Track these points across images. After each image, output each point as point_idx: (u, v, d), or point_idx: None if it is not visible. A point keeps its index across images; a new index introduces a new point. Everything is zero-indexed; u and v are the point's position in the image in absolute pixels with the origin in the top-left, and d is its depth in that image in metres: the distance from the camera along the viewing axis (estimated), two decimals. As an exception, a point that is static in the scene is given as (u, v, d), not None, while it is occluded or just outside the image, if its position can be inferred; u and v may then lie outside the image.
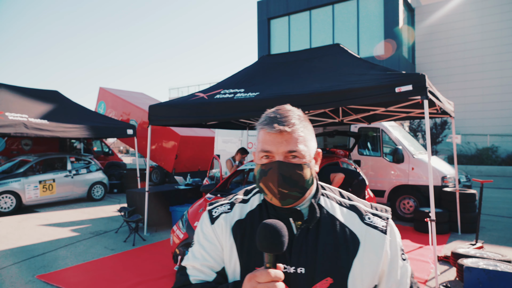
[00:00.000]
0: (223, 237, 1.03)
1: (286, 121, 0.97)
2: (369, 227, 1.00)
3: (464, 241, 5.88)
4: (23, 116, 8.27)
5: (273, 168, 0.96)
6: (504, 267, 3.77)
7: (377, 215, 1.04)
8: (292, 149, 0.96)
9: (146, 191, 6.33)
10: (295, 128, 0.97)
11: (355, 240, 0.98)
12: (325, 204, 1.04)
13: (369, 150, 8.22)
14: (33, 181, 9.12)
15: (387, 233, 1.00)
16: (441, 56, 19.56)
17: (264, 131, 1.00)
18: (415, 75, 3.88)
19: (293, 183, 0.96)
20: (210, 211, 1.10)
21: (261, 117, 1.05)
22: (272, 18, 20.86)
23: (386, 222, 1.02)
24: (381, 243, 0.98)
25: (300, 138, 0.98)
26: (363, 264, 0.96)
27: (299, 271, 0.95)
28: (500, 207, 8.89)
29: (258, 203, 1.08)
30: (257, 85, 5.20)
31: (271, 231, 0.86)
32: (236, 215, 1.06)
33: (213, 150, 11.08)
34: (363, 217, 1.02)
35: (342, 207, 1.05)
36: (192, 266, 1.04)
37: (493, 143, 18.18)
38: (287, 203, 0.98)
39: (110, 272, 4.63)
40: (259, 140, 1.02)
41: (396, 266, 0.99)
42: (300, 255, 0.96)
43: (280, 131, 0.96)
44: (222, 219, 1.06)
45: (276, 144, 0.97)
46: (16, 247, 5.77)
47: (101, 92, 15.11)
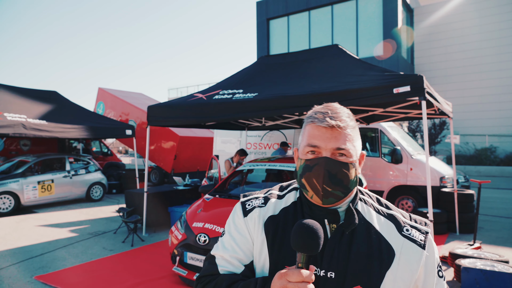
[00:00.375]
0: (254, 231, 1.02)
1: (338, 117, 0.95)
2: (406, 239, 0.96)
3: (462, 241, 5.89)
4: (21, 116, 8.26)
5: (319, 164, 0.93)
6: (501, 267, 3.79)
7: (416, 228, 1.00)
8: (340, 146, 0.94)
9: (145, 191, 6.33)
10: (346, 125, 0.95)
11: (391, 251, 0.94)
12: (362, 209, 1.01)
13: (367, 151, 8.23)
14: (31, 181, 9.11)
15: (425, 248, 0.96)
16: (440, 57, 19.60)
17: (313, 125, 0.97)
18: (413, 76, 3.89)
19: (338, 181, 0.93)
20: (243, 203, 1.09)
21: (308, 112, 1.02)
22: (271, 18, 20.88)
23: (425, 236, 0.98)
24: (418, 258, 0.94)
25: (349, 137, 0.96)
26: (396, 278, 0.92)
27: (329, 275, 0.93)
28: (498, 207, 8.91)
29: (293, 200, 1.06)
30: (255, 86, 5.21)
31: (308, 231, 0.84)
32: (269, 211, 1.05)
33: (212, 150, 11.08)
34: (401, 228, 0.99)
35: (379, 215, 1.02)
36: (221, 256, 1.03)
37: (492, 143, 18.22)
38: (328, 202, 0.95)
39: (108, 272, 4.63)
40: (306, 134, 0.99)
41: (432, 282, 0.95)
42: (331, 259, 0.93)
43: (332, 126, 0.93)
44: (255, 213, 1.04)
45: (325, 140, 0.94)
46: (15, 248, 5.76)
47: (100, 92, 15.10)
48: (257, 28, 21.29)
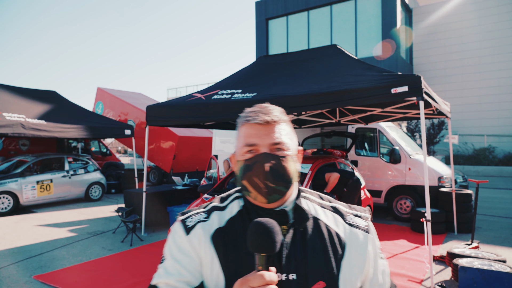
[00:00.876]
0: (201, 248, 0.94)
1: (271, 114, 0.96)
2: (352, 227, 1.00)
3: (460, 241, 5.92)
4: (20, 116, 8.26)
5: (259, 161, 0.92)
6: (498, 266, 3.81)
7: (358, 215, 1.05)
8: (277, 141, 0.94)
9: (143, 191, 6.34)
10: (279, 119, 0.96)
11: (341, 241, 0.97)
12: (307, 206, 1.02)
13: (366, 151, 8.26)
14: (30, 181, 9.11)
15: (370, 232, 1.01)
16: (439, 57, 19.63)
17: (247, 124, 0.96)
18: (411, 76, 3.91)
19: (279, 176, 0.92)
20: (183, 221, 1.00)
21: (241, 115, 1.01)
22: (270, 18, 20.88)
23: (367, 222, 1.03)
24: (365, 243, 0.98)
25: (284, 131, 0.96)
26: (351, 265, 0.95)
27: (291, 277, 0.90)
28: (496, 207, 8.94)
29: (238, 209, 1.01)
30: (254, 86, 5.22)
31: (264, 228, 0.81)
32: (215, 223, 0.98)
33: (211, 150, 11.10)
34: (345, 218, 1.02)
35: (324, 209, 1.04)
36: (165, 283, 0.93)
37: (490, 143, 18.26)
38: (273, 199, 0.93)
39: (107, 272, 4.64)
40: (241, 135, 0.98)
41: (378, 265, 1.01)
42: (290, 261, 0.91)
43: (267, 122, 0.94)
44: (199, 228, 0.97)
45: (261, 137, 0.94)
46: (14, 248, 5.77)
47: (99, 92, 15.10)
48: (256, 28, 21.29)
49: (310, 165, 4.98)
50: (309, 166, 4.95)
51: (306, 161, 5.17)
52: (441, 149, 18.36)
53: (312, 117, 6.86)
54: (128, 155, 33.11)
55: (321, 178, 4.81)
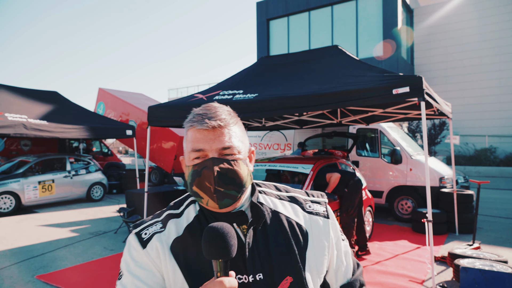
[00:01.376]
0: (161, 260, 0.90)
1: (217, 116, 0.90)
2: (312, 215, 1.00)
3: (461, 241, 5.91)
4: (22, 116, 8.29)
5: (207, 166, 0.88)
6: (500, 267, 3.81)
7: (316, 201, 1.04)
8: (226, 145, 0.89)
9: (145, 191, 6.34)
10: (227, 123, 0.91)
11: (303, 231, 0.96)
12: (265, 201, 0.99)
13: (367, 151, 8.26)
14: (32, 181, 9.13)
15: (330, 217, 1.01)
16: (440, 57, 19.62)
17: (193, 129, 0.92)
18: (412, 77, 3.91)
19: (229, 180, 0.88)
20: (138, 234, 0.94)
21: (188, 117, 0.97)
22: (271, 19, 20.90)
23: (325, 207, 1.03)
24: (327, 228, 0.99)
25: (233, 134, 0.92)
26: (316, 253, 0.95)
27: (258, 278, 0.88)
28: (498, 207, 8.93)
29: (194, 214, 0.97)
30: (256, 86, 5.23)
31: (216, 233, 0.78)
32: (172, 233, 0.93)
33: (212, 150, 11.09)
34: (303, 206, 1.01)
35: (282, 201, 1.02)
36: None
37: (492, 144, 18.24)
38: (225, 204, 0.89)
39: (109, 272, 4.65)
40: (188, 140, 0.94)
41: (340, 247, 1.02)
42: (254, 261, 0.89)
43: (213, 127, 0.89)
44: (155, 240, 0.92)
45: (208, 141, 0.89)
46: (16, 248, 5.79)
47: (100, 92, 15.12)
48: (257, 29, 21.31)
49: (311, 165, 4.99)
50: (310, 167, 4.96)
51: (307, 162, 5.18)
52: (442, 150, 18.35)
53: (313, 117, 6.87)
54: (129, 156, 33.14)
55: (322, 178, 4.81)
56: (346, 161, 6.06)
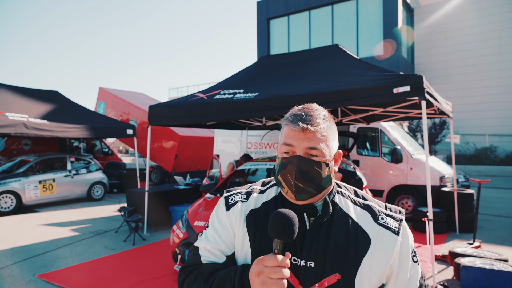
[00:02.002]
0: (236, 225, 1.06)
1: (311, 120, 1.00)
2: (381, 227, 1.02)
3: (462, 240, 5.92)
4: (23, 116, 8.30)
5: (292, 162, 0.99)
6: (500, 266, 3.81)
7: (391, 216, 1.06)
8: (313, 146, 0.99)
9: (146, 191, 6.36)
10: (318, 128, 1.00)
11: (367, 239, 1.00)
12: (339, 201, 1.07)
13: (368, 150, 8.26)
14: (33, 181, 9.14)
15: (399, 234, 1.01)
16: (440, 57, 19.60)
17: (288, 127, 1.03)
18: (412, 76, 3.92)
19: (309, 179, 0.99)
20: (226, 198, 1.13)
21: (287, 114, 1.07)
22: (271, 18, 20.89)
23: (399, 223, 1.04)
24: (393, 243, 1.00)
25: (322, 138, 1.00)
26: (372, 263, 0.98)
27: (309, 264, 0.98)
28: (498, 206, 8.93)
29: (274, 195, 1.11)
30: (256, 86, 5.24)
31: (283, 218, 0.89)
32: (251, 205, 1.09)
33: (212, 150, 11.10)
34: (376, 217, 1.04)
35: (356, 206, 1.07)
36: (204, 247, 1.08)
37: (492, 143, 18.23)
38: (301, 198, 1.01)
39: (110, 271, 4.67)
40: (283, 134, 1.05)
41: (406, 267, 1.00)
42: (310, 249, 0.98)
43: (303, 129, 0.99)
44: (237, 207, 1.09)
45: (298, 140, 1.00)
46: (17, 247, 5.80)
47: (100, 92, 15.13)
48: (257, 28, 21.31)
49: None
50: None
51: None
52: (443, 149, 18.35)
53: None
54: (130, 155, 33.15)
55: None
56: (347, 160, 6.06)
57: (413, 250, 1.04)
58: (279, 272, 0.85)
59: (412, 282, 1.01)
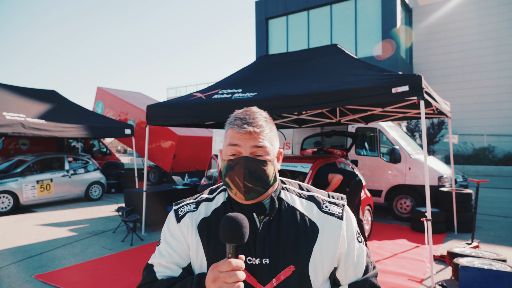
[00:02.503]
0: (189, 235, 1.08)
1: (254, 123, 1.04)
2: (326, 214, 1.07)
3: (460, 240, 5.92)
4: (20, 115, 8.25)
5: (239, 163, 1.02)
6: (499, 266, 3.81)
7: (334, 203, 1.11)
8: (258, 144, 1.03)
9: (144, 191, 6.34)
10: (262, 129, 1.04)
11: (314, 228, 1.05)
12: (285, 197, 1.11)
13: (366, 150, 8.26)
14: (30, 180, 9.11)
15: (343, 219, 1.07)
16: (439, 57, 19.63)
17: (233, 130, 1.05)
18: (411, 76, 3.91)
19: (257, 178, 1.02)
20: (176, 211, 1.14)
21: (229, 117, 1.10)
22: (270, 18, 20.88)
23: (342, 209, 1.10)
24: (338, 228, 1.05)
25: (266, 138, 1.05)
26: (323, 250, 1.03)
27: (264, 261, 1.01)
28: (496, 206, 8.95)
29: (223, 200, 1.13)
30: (255, 86, 5.22)
31: (232, 222, 0.91)
32: (201, 213, 1.11)
33: (211, 150, 11.09)
34: (320, 206, 1.10)
35: (301, 199, 1.12)
36: (158, 263, 1.08)
37: (490, 143, 18.28)
38: (250, 197, 1.03)
39: (108, 271, 4.64)
40: (228, 136, 1.07)
41: (353, 248, 1.07)
42: (264, 247, 1.01)
43: (250, 132, 1.02)
44: (187, 217, 1.10)
45: (244, 140, 1.03)
46: (14, 247, 5.77)
47: (99, 91, 15.09)
48: (256, 28, 21.28)
49: (310, 164, 4.98)
50: (309, 166, 4.95)
51: (306, 161, 5.17)
52: (441, 149, 18.38)
53: (312, 116, 6.87)
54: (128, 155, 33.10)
55: (322, 177, 4.81)
56: (345, 160, 6.05)
57: (357, 232, 1.10)
58: (234, 275, 0.86)
59: (360, 261, 1.08)
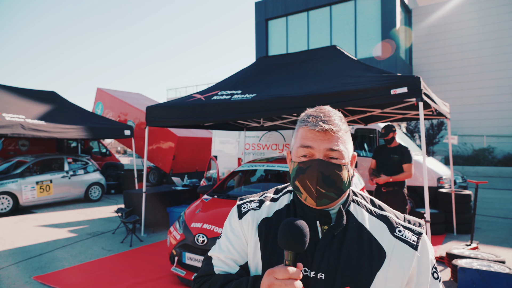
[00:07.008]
0: (249, 233, 1.05)
1: (331, 121, 0.97)
2: (398, 240, 0.96)
3: (459, 241, 5.92)
4: (20, 117, 8.26)
5: (312, 166, 0.94)
6: (497, 267, 3.81)
7: (409, 228, 0.99)
8: (333, 147, 0.95)
9: (143, 192, 6.34)
10: (338, 129, 0.97)
11: (381, 252, 0.94)
12: (355, 211, 1.02)
13: (365, 151, 8.26)
14: (30, 182, 9.10)
15: (418, 249, 0.95)
16: (438, 57, 19.65)
17: (306, 128, 0.98)
18: (410, 78, 3.92)
19: (331, 183, 0.94)
20: (239, 206, 1.12)
21: (301, 116, 1.04)
22: (270, 19, 20.89)
23: (418, 237, 0.97)
24: (410, 258, 0.93)
25: (341, 139, 0.97)
26: (387, 278, 0.92)
27: (319, 276, 0.93)
28: (495, 207, 8.95)
29: (286, 202, 1.08)
30: (254, 87, 5.23)
31: (293, 229, 0.86)
32: (263, 213, 1.07)
33: (210, 151, 11.08)
34: (393, 229, 0.98)
35: (371, 216, 1.02)
36: (217, 257, 1.06)
37: (490, 144, 18.29)
38: (322, 203, 0.96)
39: (107, 273, 4.64)
40: (299, 137, 1.00)
41: (425, 284, 0.94)
42: (322, 260, 0.94)
43: (325, 130, 0.95)
44: (249, 215, 1.07)
45: (317, 141, 0.96)
46: (13, 248, 5.77)
47: (98, 92, 15.09)
48: (255, 29, 21.30)
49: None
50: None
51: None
52: (441, 150, 18.38)
53: (312, 117, 6.85)
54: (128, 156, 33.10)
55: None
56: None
57: (434, 266, 0.97)
58: (291, 285, 0.82)
59: None
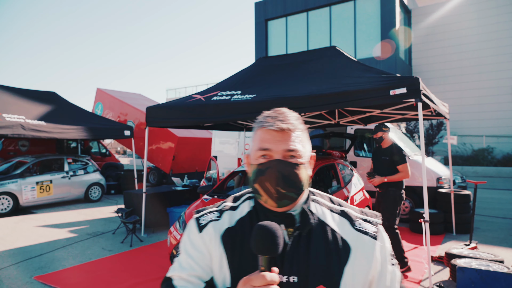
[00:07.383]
0: (212, 246, 0.99)
1: (287, 121, 0.96)
2: (360, 233, 0.98)
3: (458, 241, 5.94)
4: (20, 117, 8.27)
5: (271, 167, 0.93)
6: (496, 267, 3.83)
7: (368, 220, 1.02)
8: (291, 147, 0.95)
9: (143, 192, 6.35)
10: (295, 128, 0.97)
11: (346, 247, 0.96)
12: (316, 210, 1.02)
13: (365, 152, 8.27)
14: (30, 182, 9.12)
15: (378, 239, 0.98)
16: (438, 58, 19.68)
17: (263, 129, 0.97)
18: (409, 78, 3.93)
19: (290, 183, 0.93)
20: (197, 219, 1.05)
21: (258, 118, 1.02)
22: (269, 19, 20.91)
23: (377, 228, 1.01)
24: (372, 249, 0.96)
25: (298, 139, 0.97)
26: (355, 271, 0.94)
27: (292, 279, 0.92)
28: (495, 207, 8.97)
29: (248, 209, 1.04)
30: (254, 87, 5.24)
31: (267, 232, 0.84)
32: (225, 223, 1.02)
33: (210, 151, 11.10)
34: (353, 223, 1.01)
35: (333, 213, 1.03)
36: (179, 276, 0.99)
37: (489, 144, 18.31)
38: (283, 204, 0.94)
39: (107, 273, 4.66)
40: (257, 139, 0.99)
41: (386, 271, 0.98)
42: (292, 264, 0.93)
43: (282, 129, 0.95)
44: (210, 227, 1.02)
45: (275, 142, 0.95)
46: (13, 249, 5.78)
47: (98, 93, 15.10)
48: (255, 29, 21.32)
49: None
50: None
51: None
52: (440, 150, 18.40)
53: (311, 118, 6.88)
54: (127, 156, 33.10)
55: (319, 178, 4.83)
56: (344, 162, 6.07)
57: (391, 254, 1.01)
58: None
59: (392, 286, 0.99)
